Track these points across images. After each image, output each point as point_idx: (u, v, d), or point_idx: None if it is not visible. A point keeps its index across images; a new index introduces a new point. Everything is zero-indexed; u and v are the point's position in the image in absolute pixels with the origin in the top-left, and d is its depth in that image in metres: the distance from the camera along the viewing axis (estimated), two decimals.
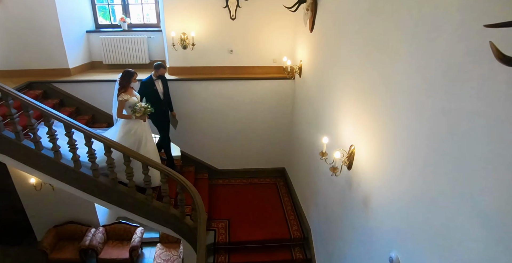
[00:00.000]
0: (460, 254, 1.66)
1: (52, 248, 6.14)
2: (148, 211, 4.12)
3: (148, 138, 4.45)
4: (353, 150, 3.03)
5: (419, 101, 1.99)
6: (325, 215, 3.98)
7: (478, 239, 1.53)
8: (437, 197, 1.83)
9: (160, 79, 4.95)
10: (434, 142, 1.85)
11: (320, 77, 4.11)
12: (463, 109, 1.61)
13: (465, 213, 1.61)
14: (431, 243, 1.90)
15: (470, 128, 1.56)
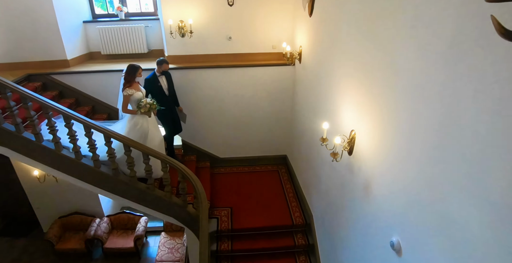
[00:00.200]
0: (462, 239, 1.64)
1: (58, 238, 6.22)
2: (151, 200, 4.14)
3: (154, 133, 4.41)
4: (353, 135, 3.00)
5: (421, 84, 1.94)
6: (327, 201, 3.99)
7: (480, 223, 1.51)
8: (439, 181, 1.81)
9: (164, 75, 4.90)
10: (437, 125, 1.81)
11: (320, 62, 4.05)
12: (467, 90, 1.56)
13: (467, 197, 1.59)
14: (433, 228, 1.90)
15: (475, 111, 1.51)
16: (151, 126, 4.37)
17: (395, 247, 2.32)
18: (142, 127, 4.28)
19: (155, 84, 4.82)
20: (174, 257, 5.85)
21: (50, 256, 6.30)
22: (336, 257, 3.71)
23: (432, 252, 1.92)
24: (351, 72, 3.07)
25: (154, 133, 4.39)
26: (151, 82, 4.79)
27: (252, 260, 4.64)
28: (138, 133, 4.24)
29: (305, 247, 4.73)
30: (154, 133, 4.40)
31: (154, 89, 4.80)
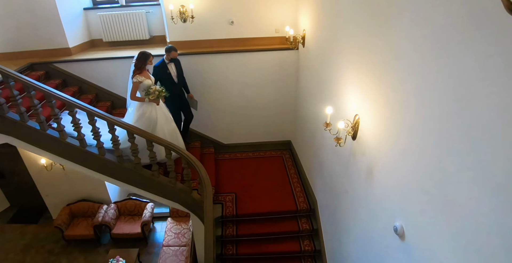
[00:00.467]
0: (465, 223, 1.63)
1: (67, 225, 6.36)
2: (156, 187, 4.19)
3: (163, 122, 4.41)
4: (357, 120, 2.97)
5: (426, 66, 1.89)
6: (331, 186, 3.99)
7: (486, 207, 1.49)
8: (444, 165, 1.78)
9: (173, 62, 4.89)
10: (442, 108, 1.77)
11: (323, 46, 3.98)
12: (474, 72, 1.52)
13: (472, 180, 1.57)
14: (437, 212, 1.88)
15: (482, 93, 1.47)
16: (160, 115, 4.36)
17: (398, 232, 2.32)
18: (151, 116, 4.28)
19: (164, 72, 4.81)
20: (180, 242, 5.96)
21: (60, 241, 6.46)
22: (340, 241, 3.74)
23: (435, 237, 1.91)
24: (355, 56, 3.00)
25: (163, 122, 4.39)
26: (160, 69, 4.78)
27: (257, 244, 4.70)
28: (146, 122, 4.25)
29: (309, 232, 4.77)
30: (163, 122, 4.39)
31: (163, 76, 4.79)
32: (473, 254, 1.60)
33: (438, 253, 1.89)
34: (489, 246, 1.47)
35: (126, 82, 5.51)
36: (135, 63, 4.22)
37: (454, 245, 1.75)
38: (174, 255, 5.73)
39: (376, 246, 2.78)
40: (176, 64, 4.93)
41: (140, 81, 4.11)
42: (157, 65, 4.78)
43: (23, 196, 7.09)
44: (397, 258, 2.39)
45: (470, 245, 1.62)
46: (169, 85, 4.72)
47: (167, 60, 4.83)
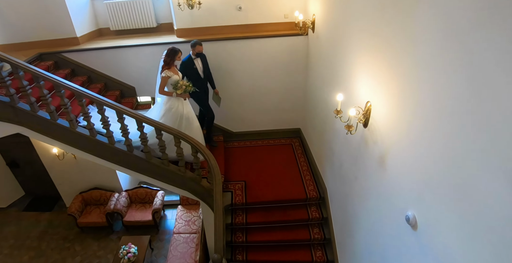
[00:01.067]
0: (482, 213, 1.58)
1: (80, 213, 6.49)
2: (166, 175, 4.21)
3: (189, 116, 4.53)
4: (369, 107, 2.90)
5: (442, 52, 1.81)
6: (341, 175, 3.95)
7: (502, 197, 1.43)
8: (459, 153, 1.72)
9: (200, 57, 4.89)
10: (459, 96, 1.69)
11: (334, 31, 3.87)
12: (492, 58, 1.43)
13: (488, 169, 1.51)
14: (451, 202, 1.83)
15: (500, 80, 1.39)
16: (187, 110, 4.50)
17: (410, 222, 2.28)
18: (177, 111, 4.42)
19: (191, 67, 4.83)
20: (191, 229, 6.04)
21: (73, 229, 6.62)
22: (349, 230, 3.73)
23: (448, 228, 1.87)
24: (367, 41, 2.91)
25: (189, 117, 4.53)
26: (186, 65, 4.81)
27: (267, 232, 4.72)
28: (173, 117, 4.40)
29: (319, 220, 4.77)
30: (189, 116, 4.53)
31: (189, 72, 4.83)
32: (487, 246, 1.55)
33: (451, 244, 1.85)
34: (504, 239, 1.42)
35: (134, 71, 5.54)
36: (164, 59, 4.34)
37: (467, 237, 1.70)
38: (185, 242, 5.82)
39: (387, 235, 2.75)
40: (202, 59, 4.93)
41: (168, 76, 4.25)
42: (184, 60, 4.81)
43: (37, 185, 7.24)
44: (408, 248, 2.35)
45: (484, 237, 1.57)
46: (195, 80, 4.80)
47: (194, 55, 4.83)
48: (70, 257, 6.10)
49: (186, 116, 4.48)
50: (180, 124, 4.44)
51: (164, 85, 4.32)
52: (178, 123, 4.43)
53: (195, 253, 5.56)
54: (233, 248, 4.72)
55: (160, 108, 4.48)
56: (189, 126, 4.51)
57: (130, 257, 5.31)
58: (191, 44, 4.76)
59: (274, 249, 4.68)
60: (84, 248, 6.29)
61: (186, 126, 4.47)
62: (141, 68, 5.51)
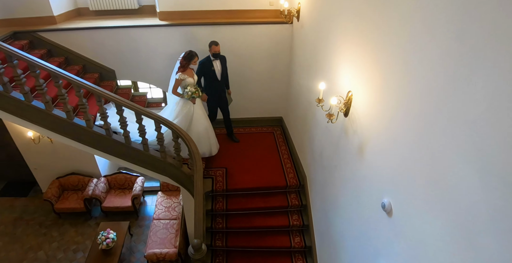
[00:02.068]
0: (454, 201, 1.64)
1: (57, 198, 6.37)
2: (146, 161, 4.16)
3: (199, 118, 4.66)
4: (350, 96, 2.93)
5: (420, 45, 1.84)
6: (321, 163, 4.01)
7: (474, 186, 1.49)
8: (433, 145, 1.78)
9: (219, 59, 4.83)
10: (436, 88, 1.73)
11: (318, 20, 3.86)
12: (472, 50, 1.46)
13: (462, 159, 1.56)
14: (424, 190, 1.89)
15: (478, 73, 1.43)
16: (197, 112, 4.63)
17: (386, 208, 2.34)
18: (189, 111, 4.58)
19: (209, 68, 4.81)
20: (171, 215, 6.04)
21: (50, 214, 6.50)
22: (327, 216, 3.81)
23: (421, 214, 1.94)
24: (350, 31, 2.92)
25: (199, 119, 4.67)
26: (204, 66, 4.79)
27: (247, 218, 4.77)
28: (184, 118, 4.54)
29: (298, 207, 4.85)
30: (199, 119, 4.67)
31: (207, 73, 4.82)
32: (456, 231, 1.62)
33: (423, 229, 1.92)
34: (476, 224, 1.49)
35: (114, 53, 5.38)
36: (180, 61, 4.42)
37: (438, 223, 1.77)
38: (165, 228, 5.82)
39: (363, 221, 2.83)
40: (221, 61, 4.89)
41: (182, 79, 4.38)
42: (202, 61, 4.77)
43: (11, 170, 7.03)
44: (383, 234, 2.43)
45: (453, 223, 1.64)
46: (211, 81, 4.82)
47: (212, 56, 4.77)
48: (46, 243, 6.01)
49: (196, 116, 4.62)
50: (189, 125, 4.62)
51: (177, 86, 4.46)
52: (188, 125, 4.60)
53: (175, 239, 5.58)
54: (213, 234, 4.75)
55: (173, 108, 4.60)
56: (196, 128, 4.66)
57: (109, 242, 5.28)
58: (209, 44, 4.74)
59: (254, 235, 4.74)
60: (61, 234, 6.20)
61: (193, 128, 4.64)
62: (122, 51, 5.36)
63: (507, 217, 1.31)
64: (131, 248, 6.02)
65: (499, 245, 1.35)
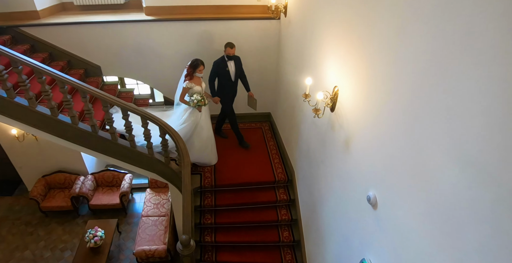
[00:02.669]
0: (435, 192, 1.68)
1: (43, 197, 6.27)
2: (133, 157, 4.13)
3: (204, 125, 4.66)
4: (336, 91, 2.96)
5: (403, 41, 1.87)
6: (308, 157, 4.05)
7: (454, 178, 1.53)
8: (417, 137, 1.81)
9: (234, 60, 4.77)
10: (419, 83, 1.77)
11: (305, 16, 3.87)
12: (453, 46, 1.49)
13: (442, 152, 1.60)
14: (407, 183, 1.94)
15: (459, 68, 1.46)
16: (203, 119, 4.64)
17: (371, 201, 2.38)
18: (196, 118, 4.57)
19: (223, 69, 4.75)
20: (159, 212, 6.02)
21: (36, 213, 6.40)
22: (315, 210, 3.85)
23: (405, 206, 1.98)
24: (336, 27, 2.94)
25: (204, 127, 4.67)
26: (218, 66, 4.75)
27: (235, 213, 4.79)
28: (189, 125, 4.53)
29: (286, 202, 4.89)
30: (204, 126, 4.66)
31: (220, 73, 4.77)
32: (438, 222, 1.66)
33: (407, 221, 1.96)
34: (456, 216, 1.53)
35: (100, 49, 5.30)
36: (187, 69, 4.42)
37: (420, 214, 1.82)
38: (154, 224, 5.80)
39: (349, 214, 2.87)
40: (236, 62, 4.83)
41: (189, 87, 4.39)
42: (216, 61, 4.75)
43: None
44: (369, 226, 2.47)
45: (435, 214, 1.68)
46: (225, 82, 4.80)
47: (226, 57, 4.73)
48: (33, 243, 5.92)
49: (201, 124, 4.63)
50: (193, 132, 4.62)
51: (185, 94, 4.46)
52: (192, 131, 4.61)
53: (164, 235, 5.56)
54: (202, 230, 4.76)
55: (181, 114, 4.59)
56: (200, 135, 4.68)
57: (97, 240, 5.23)
58: (224, 45, 4.70)
59: (242, 230, 4.77)
60: (48, 233, 6.12)
61: (197, 135, 4.66)
62: (108, 46, 5.28)
63: (485, 207, 1.35)
64: (120, 245, 5.99)
65: (479, 233, 1.40)
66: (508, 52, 1.20)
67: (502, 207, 1.27)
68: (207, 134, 4.78)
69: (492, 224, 1.33)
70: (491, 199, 1.32)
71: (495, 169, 1.30)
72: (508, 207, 1.25)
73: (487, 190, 1.34)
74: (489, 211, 1.34)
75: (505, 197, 1.25)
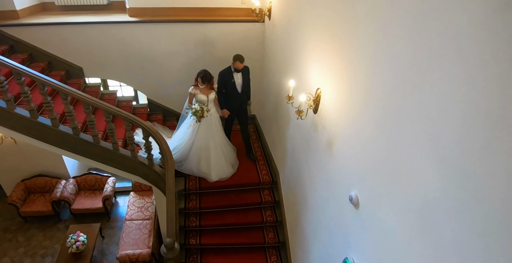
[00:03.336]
0: (414, 191, 1.73)
1: (23, 201, 6.12)
2: (116, 160, 4.08)
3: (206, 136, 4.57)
4: (319, 93, 3.00)
5: (382, 46, 1.93)
6: (292, 159, 4.08)
7: (432, 177, 1.58)
8: (397, 138, 1.86)
9: (241, 72, 4.61)
10: (397, 85, 1.82)
11: (289, 19, 3.92)
12: (428, 52, 1.55)
13: (420, 152, 1.65)
14: (387, 183, 1.98)
15: (435, 74, 1.51)
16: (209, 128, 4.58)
17: (353, 201, 2.42)
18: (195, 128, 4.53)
19: (229, 80, 4.60)
20: (144, 216, 5.94)
21: (16, 219, 6.24)
22: (299, 212, 3.88)
23: (385, 205, 2.02)
24: (318, 30, 2.99)
25: (207, 136, 4.59)
26: (224, 76, 4.61)
27: (220, 216, 4.78)
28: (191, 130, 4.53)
29: (271, 203, 4.91)
30: (207, 136, 4.59)
31: (227, 83, 4.63)
32: (417, 219, 1.71)
33: (387, 219, 2.01)
34: (435, 215, 1.57)
35: (82, 50, 5.23)
36: (195, 77, 4.44)
37: (400, 212, 1.86)
38: (138, 228, 5.72)
39: (333, 214, 2.91)
40: (243, 74, 4.66)
41: (193, 93, 4.43)
42: (222, 72, 4.62)
43: None
44: (352, 226, 2.51)
45: (414, 212, 1.73)
46: (231, 93, 4.69)
47: (234, 69, 4.56)
48: (12, 249, 5.76)
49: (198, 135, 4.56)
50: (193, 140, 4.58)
51: (191, 100, 4.49)
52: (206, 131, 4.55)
53: (148, 239, 5.49)
54: (187, 233, 4.72)
55: (189, 120, 4.58)
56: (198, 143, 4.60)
57: (79, 245, 5.12)
58: (233, 57, 4.53)
59: (228, 232, 4.75)
60: (28, 239, 5.96)
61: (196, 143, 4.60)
62: (90, 48, 5.21)
63: (461, 205, 1.40)
64: (103, 250, 5.88)
65: (455, 231, 1.45)
66: (483, 55, 1.26)
67: (476, 205, 1.32)
68: (208, 144, 4.61)
69: (466, 221, 1.37)
70: (466, 197, 1.37)
71: (470, 168, 1.34)
72: (481, 205, 1.29)
73: (462, 188, 1.39)
74: (463, 208, 1.39)
75: (480, 196, 1.30)
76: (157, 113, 6.02)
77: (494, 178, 1.23)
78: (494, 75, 1.21)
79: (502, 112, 1.18)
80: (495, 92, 1.20)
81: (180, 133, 4.73)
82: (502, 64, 1.17)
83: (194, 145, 4.59)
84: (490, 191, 1.24)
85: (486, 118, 1.25)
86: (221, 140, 4.78)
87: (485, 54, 1.24)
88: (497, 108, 1.20)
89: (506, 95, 1.16)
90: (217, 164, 4.78)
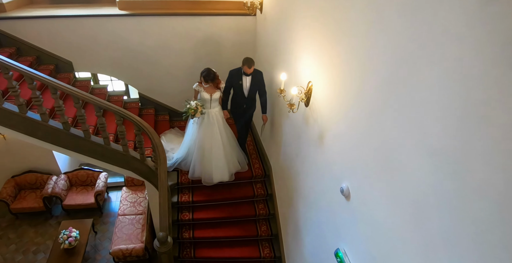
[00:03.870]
0: (404, 183, 1.75)
1: (13, 198, 6.05)
2: (108, 155, 4.04)
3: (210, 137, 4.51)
4: (310, 87, 3.01)
5: (373, 36, 1.94)
6: (284, 152, 4.10)
7: (422, 169, 1.60)
8: (386, 130, 1.88)
9: (251, 76, 4.42)
10: (386, 78, 1.84)
11: (280, 12, 3.91)
12: (418, 44, 1.56)
13: (411, 146, 1.67)
14: (378, 174, 2.01)
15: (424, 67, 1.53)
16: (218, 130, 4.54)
17: (344, 193, 2.45)
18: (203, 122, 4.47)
19: (236, 82, 4.47)
20: (136, 211, 5.93)
21: (6, 215, 6.18)
22: (292, 204, 3.92)
23: (376, 196, 2.05)
24: (310, 23, 2.99)
25: (210, 137, 4.53)
26: (233, 77, 4.48)
27: (213, 209, 4.79)
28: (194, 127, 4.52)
29: (264, 196, 4.94)
30: (211, 137, 4.53)
31: (234, 85, 4.52)
32: (407, 210, 1.74)
33: (377, 210, 2.04)
34: (425, 206, 1.60)
35: (72, 44, 5.15)
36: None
37: (390, 203, 1.89)
38: (130, 223, 5.71)
39: (325, 206, 2.94)
40: (253, 79, 4.43)
41: (196, 90, 4.40)
42: (232, 71, 4.49)
43: None
44: (343, 217, 2.55)
45: (407, 203, 1.75)
46: (237, 96, 4.59)
47: (243, 71, 4.40)
48: (3, 246, 5.70)
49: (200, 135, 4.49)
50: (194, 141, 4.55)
51: (195, 96, 4.47)
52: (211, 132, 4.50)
53: (141, 234, 5.49)
54: (180, 227, 4.73)
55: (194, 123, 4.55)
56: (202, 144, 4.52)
57: (71, 241, 5.10)
58: (243, 60, 4.35)
59: (221, 226, 4.77)
60: (19, 236, 5.91)
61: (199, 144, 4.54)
62: (79, 42, 5.13)
63: (452, 197, 1.43)
64: (96, 246, 5.86)
65: (445, 222, 1.48)
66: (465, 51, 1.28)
67: (467, 196, 1.34)
68: (211, 146, 4.52)
69: (457, 212, 1.40)
70: (454, 187, 1.40)
71: (462, 161, 1.36)
72: (472, 197, 1.32)
73: (454, 180, 1.41)
74: (454, 200, 1.41)
75: (471, 188, 1.32)
76: (148, 108, 5.98)
77: (485, 171, 1.25)
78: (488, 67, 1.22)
79: (494, 105, 1.19)
80: (488, 85, 1.22)
81: (189, 128, 4.67)
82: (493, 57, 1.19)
83: (197, 143, 4.53)
84: (482, 183, 1.26)
85: (478, 111, 1.27)
86: (225, 142, 4.63)
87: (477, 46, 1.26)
88: (490, 101, 1.21)
89: (499, 87, 1.17)
90: (217, 166, 4.65)
